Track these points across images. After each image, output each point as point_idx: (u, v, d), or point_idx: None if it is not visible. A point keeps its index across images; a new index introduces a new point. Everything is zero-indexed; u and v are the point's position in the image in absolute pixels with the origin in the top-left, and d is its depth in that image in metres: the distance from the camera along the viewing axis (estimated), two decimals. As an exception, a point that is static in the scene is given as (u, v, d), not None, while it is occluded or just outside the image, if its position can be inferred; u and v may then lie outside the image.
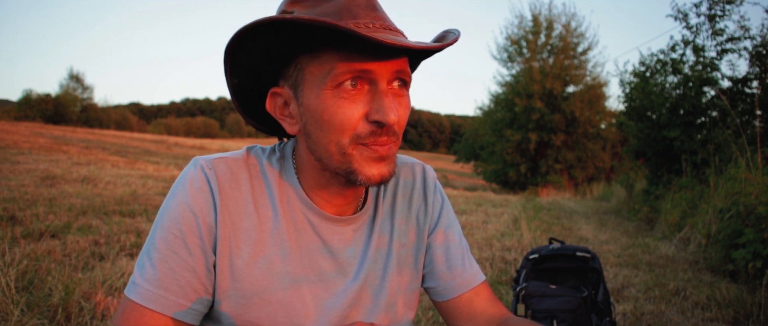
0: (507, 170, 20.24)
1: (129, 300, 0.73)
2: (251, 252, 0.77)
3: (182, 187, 0.77)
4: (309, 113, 0.73)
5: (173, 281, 0.73)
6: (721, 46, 6.00)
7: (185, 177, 0.78)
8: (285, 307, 0.78)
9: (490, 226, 5.51)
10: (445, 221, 0.94)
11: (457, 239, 0.94)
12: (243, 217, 0.77)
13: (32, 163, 7.54)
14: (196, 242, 0.74)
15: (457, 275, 0.91)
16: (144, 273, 0.73)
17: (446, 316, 0.94)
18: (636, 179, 8.22)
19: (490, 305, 0.92)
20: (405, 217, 0.90)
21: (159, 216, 0.77)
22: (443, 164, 38.32)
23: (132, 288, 0.73)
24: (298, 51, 0.72)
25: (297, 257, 0.80)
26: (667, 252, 4.36)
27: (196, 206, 0.75)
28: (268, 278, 0.77)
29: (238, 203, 0.77)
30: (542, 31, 20.71)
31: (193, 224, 0.74)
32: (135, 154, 13.70)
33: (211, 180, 0.76)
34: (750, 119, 5.74)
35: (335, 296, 0.81)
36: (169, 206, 0.76)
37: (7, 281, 2.06)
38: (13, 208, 4.05)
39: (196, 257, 0.74)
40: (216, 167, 0.78)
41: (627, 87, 7.40)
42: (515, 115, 20.03)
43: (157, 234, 0.75)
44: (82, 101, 44.77)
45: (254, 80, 0.78)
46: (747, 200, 3.51)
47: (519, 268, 2.26)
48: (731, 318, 2.62)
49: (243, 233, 0.77)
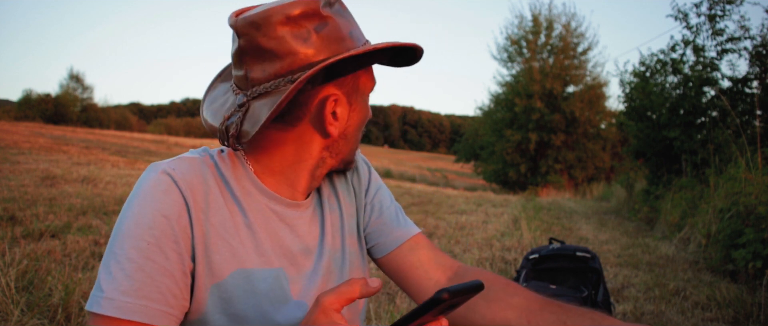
0: (507, 170, 20.23)
1: (104, 316, 0.69)
2: (227, 247, 0.78)
3: (146, 193, 0.74)
4: (357, 115, 0.85)
5: (154, 288, 0.71)
6: (721, 46, 6.01)
7: (147, 183, 0.75)
8: (268, 295, 0.80)
9: (490, 226, 5.52)
10: (374, 186, 1.01)
11: (388, 200, 1.00)
12: (215, 213, 0.77)
13: (32, 163, 7.54)
14: (171, 246, 0.73)
15: (394, 228, 0.96)
16: (118, 285, 0.69)
17: (392, 271, 0.97)
18: (636, 179, 8.21)
19: (434, 253, 0.96)
20: (345, 190, 0.97)
21: (123, 227, 0.73)
22: (443, 164, 38.32)
23: (107, 304, 0.68)
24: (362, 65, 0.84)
25: (269, 245, 0.82)
26: (667, 252, 4.36)
27: (166, 210, 0.73)
28: (247, 270, 0.79)
29: (209, 199, 0.77)
30: (542, 31, 20.70)
31: (166, 228, 0.72)
32: (135, 154, 13.70)
33: (178, 181, 0.75)
34: (750, 119, 5.74)
35: (309, 276, 0.86)
36: (135, 214, 0.73)
37: (7, 281, 2.06)
38: (13, 208, 4.05)
39: (172, 261, 0.73)
40: (179, 167, 0.77)
41: (627, 87, 7.40)
42: (515, 115, 20.02)
43: (127, 244, 0.71)
44: (82, 101, 44.72)
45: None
46: (747, 200, 3.51)
47: (519, 268, 2.26)
48: (731, 318, 2.62)
49: (217, 229, 0.77)
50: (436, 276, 0.93)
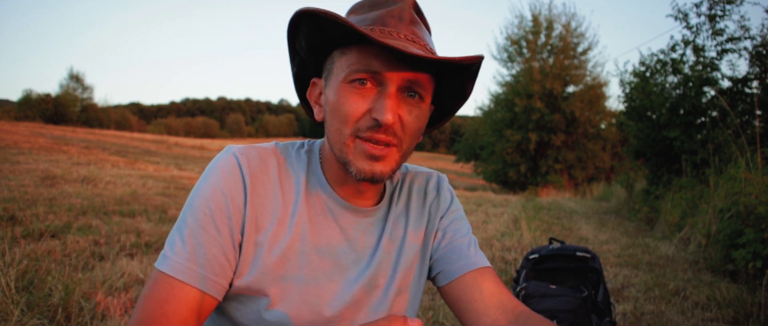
0: (507, 170, 20.24)
1: (159, 271, 0.77)
2: (274, 231, 0.82)
3: (214, 171, 0.82)
4: (329, 102, 0.81)
5: (201, 255, 0.78)
6: (721, 46, 6.00)
7: (218, 162, 0.83)
8: (299, 286, 0.83)
9: (490, 226, 5.51)
10: (453, 214, 0.98)
11: (464, 229, 0.97)
12: (269, 200, 0.83)
13: (32, 163, 7.53)
14: (224, 221, 0.79)
15: (461, 257, 0.92)
16: (174, 247, 0.78)
17: (452, 301, 0.91)
18: (636, 179, 8.22)
19: (499, 289, 0.90)
20: (419, 214, 0.96)
21: (190, 197, 0.82)
22: (443, 164, 38.33)
23: (162, 261, 0.78)
24: (333, 46, 0.81)
25: (315, 241, 0.85)
26: (667, 252, 4.36)
27: (226, 188, 0.80)
28: (286, 256, 0.82)
29: (266, 187, 0.83)
30: (542, 31, 20.71)
31: (222, 204, 0.79)
32: (135, 154, 13.70)
33: (242, 165, 0.82)
34: (750, 119, 5.74)
35: (348, 282, 0.86)
36: (201, 188, 0.81)
37: (7, 281, 2.06)
38: (13, 208, 4.05)
39: (223, 235, 0.79)
40: (247, 153, 0.84)
41: (627, 87, 7.40)
42: (515, 115, 20.03)
43: (188, 213, 0.80)
44: (82, 101, 44.74)
45: (305, 70, 0.88)
46: (747, 200, 3.51)
47: (519, 268, 2.26)
48: (731, 318, 2.62)
49: (268, 214, 0.83)
50: (495, 315, 0.87)
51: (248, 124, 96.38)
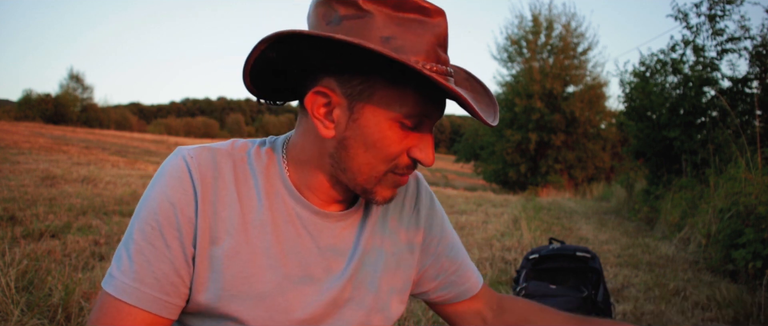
0: (507, 170, 20.23)
1: (105, 292, 0.71)
2: (232, 243, 0.74)
3: (161, 177, 0.74)
4: (360, 129, 0.72)
5: (149, 273, 0.71)
6: (721, 46, 6.00)
7: (166, 168, 0.75)
8: (265, 300, 0.75)
9: (490, 226, 5.51)
10: (439, 229, 0.96)
11: (457, 244, 0.99)
12: (225, 206, 0.75)
13: (32, 163, 7.53)
14: (173, 234, 0.72)
15: (464, 280, 0.97)
16: (120, 265, 0.72)
17: (449, 316, 1.00)
18: (636, 179, 8.21)
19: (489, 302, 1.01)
20: (397, 218, 0.90)
21: (138, 208, 0.74)
22: (443, 164, 38.32)
23: (108, 281, 0.71)
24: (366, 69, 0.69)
25: (281, 249, 0.77)
26: (667, 252, 4.36)
27: (174, 198, 0.72)
28: (248, 269, 0.75)
29: (221, 192, 0.75)
30: (542, 31, 20.71)
31: (171, 215, 0.72)
32: (135, 154, 13.71)
33: (192, 170, 0.74)
34: (750, 119, 5.73)
35: (318, 292, 0.79)
36: (148, 197, 0.73)
37: (7, 281, 2.06)
38: (13, 208, 4.05)
39: (173, 249, 0.72)
40: (199, 155, 0.76)
41: (627, 87, 7.40)
42: (515, 115, 20.03)
43: (135, 226, 0.72)
44: (82, 101, 44.74)
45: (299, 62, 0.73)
46: (747, 200, 3.51)
47: (519, 268, 2.26)
48: (731, 318, 2.62)
49: (224, 223, 0.74)
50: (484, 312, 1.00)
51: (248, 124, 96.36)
